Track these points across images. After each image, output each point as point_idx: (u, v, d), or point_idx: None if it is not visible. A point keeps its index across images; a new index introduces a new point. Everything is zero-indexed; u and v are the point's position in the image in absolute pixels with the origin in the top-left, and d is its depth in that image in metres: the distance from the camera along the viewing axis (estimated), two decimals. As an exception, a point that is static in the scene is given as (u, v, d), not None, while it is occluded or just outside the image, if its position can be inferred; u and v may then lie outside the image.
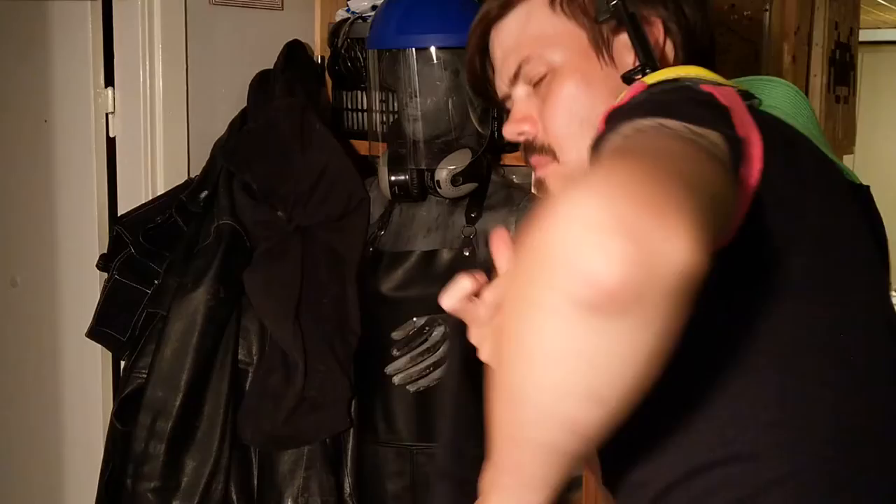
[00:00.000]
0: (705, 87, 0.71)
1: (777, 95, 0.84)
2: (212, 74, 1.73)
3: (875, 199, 0.96)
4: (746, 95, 0.79)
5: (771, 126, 0.74)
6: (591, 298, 0.49)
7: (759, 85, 0.85)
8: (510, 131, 0.92)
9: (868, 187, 0.93)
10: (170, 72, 1.66)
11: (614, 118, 0.70)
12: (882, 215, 0.97)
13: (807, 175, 0.75)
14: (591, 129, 0.81)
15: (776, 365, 0.70)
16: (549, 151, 0.90)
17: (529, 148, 0.92)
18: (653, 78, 0.75)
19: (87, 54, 1.73)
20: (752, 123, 0.69)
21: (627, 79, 0.82)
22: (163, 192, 1.67)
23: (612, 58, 0.88)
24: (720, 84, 0.74)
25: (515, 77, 0.91)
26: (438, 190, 1.53)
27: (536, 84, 0.90)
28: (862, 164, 6.10)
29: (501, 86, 0.94)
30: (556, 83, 0.88)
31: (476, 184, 1.55)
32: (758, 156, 0.67)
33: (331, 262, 1.54)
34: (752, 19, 2.26)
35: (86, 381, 1.81)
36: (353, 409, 1.51)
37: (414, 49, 1.50)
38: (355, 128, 1.77)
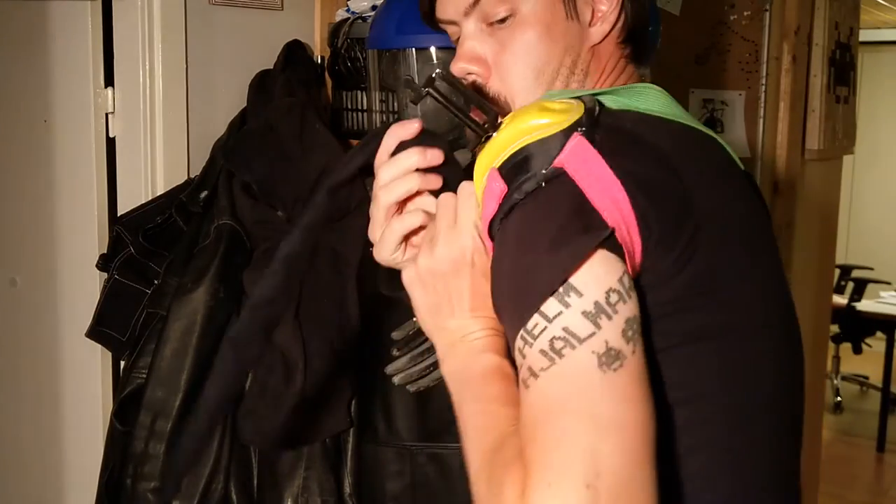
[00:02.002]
0: (559, 161, 0.71)
1: (646, 97, 0.84)
2: (212, 74, 1.73)
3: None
4: (592, 112, 0.76)
5: (635, 148, 0.75)
6: None
7: (631, 93, 0.84)
8: (459, 69, 0.89)
9: (751, 175, 0.96)
10: (169, 72, 1.66)
11: (494, 253, 0.74)
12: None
13: (683, 194, 0.76)
14: (546, 83, 0.87)
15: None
16: (498, 99, 0.88)
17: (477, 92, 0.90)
18: (500, 151, 0.74)
19: (87, 54, 1.73)
20: (608, 176, 0.71)
21: (472, 146, 0.82)
22: (163, 192, 1.67)
23: (576, 12, 0.87)
24: (569, 128, 0.73)
25: (472, 7, 0.87)
26: (438, 190, 1.53)
27: (492, 24, 0.87)
28: (862, 164, 6.11)
29: (449, 9, 0.90)
30: (520, 31, 0.86)
31: (476, 184, 1.55)
32: (627, 215, 0.70)
33: (330, 262, 1.54)
34: (752, 19, 2.26)
35: (86, 381, 1.81)
36: (352, 409, 1.51)
37: (414, 49, 1.50)
38: (355, 128, 1.77)
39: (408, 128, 0.85)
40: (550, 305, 0.66)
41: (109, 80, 1.73)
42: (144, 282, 1.58)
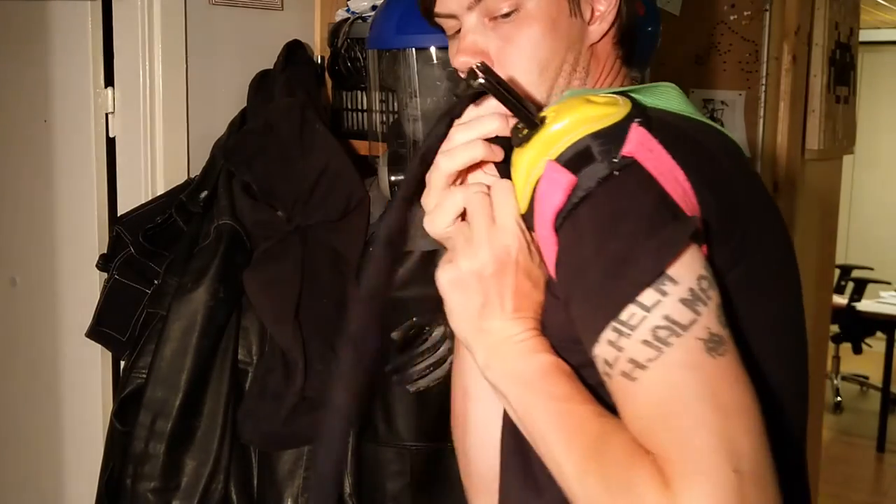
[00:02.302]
0: (627, 151, 0.70)
1: (668, 97, 0.84)
2: (212, 74, 1.73)
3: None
4: (641, 112, 0.76)
5: (686, 141, 0.75)
6: None
7: (649, 91, 0.84)
8: (462, 63, 0.88)
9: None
10: (170, 72, 1.66)
11: (567, 245, 0.71)
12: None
13: (730, 187, 0.76)
14: (550, 79, 0.85)
15: None
16: None
17: None
18: (554, 143, 0.73)
19: (87, 54, 1.73)
20: (674, 167, 0.71)
21: (516, 140, 0.77)
22: (163, 192, 1.67)
23: (579, 9, 0.86)
24: (626, 119, 0.73)
25: (477, 1, 0.86)
26: (438, 190, 1.53)
27: (495, 18, 0.86)
28: (862, 164, 6.11)
29: (451, 3, 0.89)
30: (526, 25, 0.85)
31: (476, 184, 1.54)
32: (694, 206, 0.70)
33: (331, 262, 1.54)
34: (752, 19, 2.26)
35: (86, 381, 1.81)
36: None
37: (414, 49, 1.50)
38: (355, 128, 1.77)
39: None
40: (647, 295, 0.65)
41: (109, 80, 1.73)
42: (144, 282, 1.58)
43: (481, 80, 0.76)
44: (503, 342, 0.77)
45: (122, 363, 1.65)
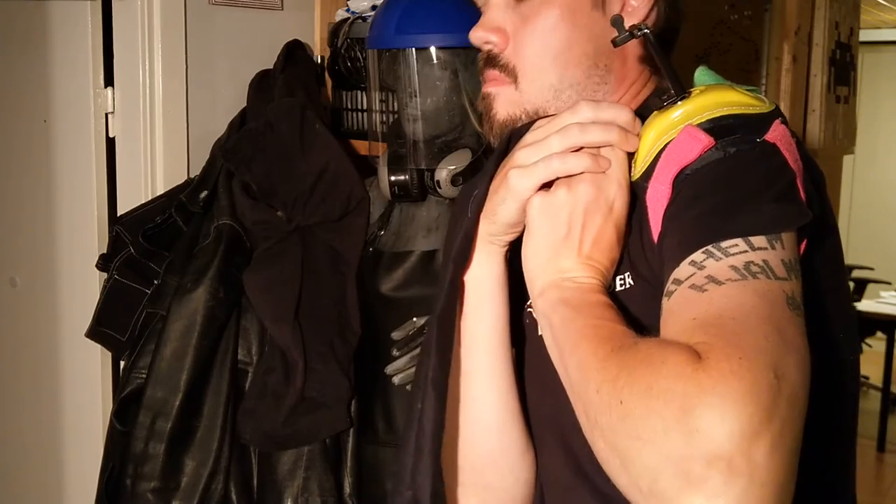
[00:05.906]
0: (770, 138, 0.73)
1: None
2: (212, 74, 1.73)
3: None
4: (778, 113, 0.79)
5: (806, 150, 0.78)
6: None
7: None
8: (478, 37, 0.90)
9: None
10: (169, 72, 1.66)
11: (687, 190, 0.72)
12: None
13: (819, 180, 0.80)
14: (561, 67, 0.86)
15: None
16: (510, 72, 0.88)
17: (491, 60, 0.90)
18: (698, 112, 0.74)
19: (87, 54, 1.73)
20: (801, 169, 0.73)
21: (656, 104, 0.78)
22: (162, 192, 1.67)
23: (604, 4, 0.86)
24: (771, 113, 0.75)
25: None
26: (438, 190, 1.53)
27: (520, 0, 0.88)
28: (862, 164, 6.11)
29: None
30: (545, 8, 0.86)
31: (476, 184, 1.54)
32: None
33: (331, 262, 1.54)
34: (752, 19, 2.26)
35: (86, 381, 1.81)
36: (353, 409, 1.51)
37: (414, 49, 1.50)
38: (355, 128, 1.77)
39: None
40: (758, 239, 0.66)
41: (109, 80, 1.73)
42: (144, 282, 1.58)
43: (646, 31, 0.77)
44: (566, 280, 0.77)
45: (122, 363, 1.65)
